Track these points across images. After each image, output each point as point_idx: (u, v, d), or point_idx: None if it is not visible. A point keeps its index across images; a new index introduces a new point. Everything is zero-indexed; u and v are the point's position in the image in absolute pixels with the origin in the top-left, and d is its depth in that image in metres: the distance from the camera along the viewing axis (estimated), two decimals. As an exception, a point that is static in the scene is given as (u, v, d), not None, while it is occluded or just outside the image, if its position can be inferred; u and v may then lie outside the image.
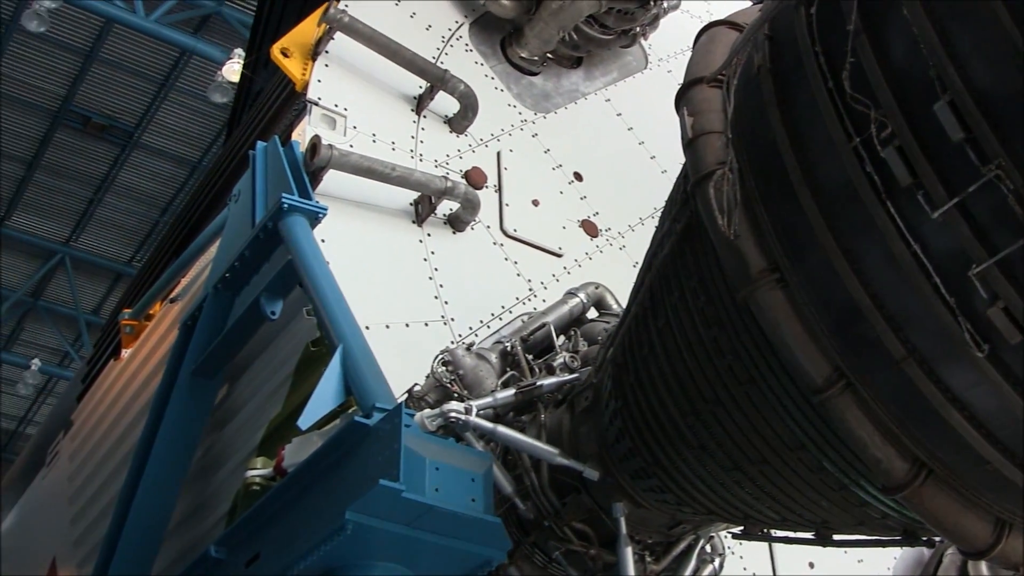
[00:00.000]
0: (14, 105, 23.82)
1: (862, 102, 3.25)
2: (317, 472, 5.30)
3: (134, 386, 9.13)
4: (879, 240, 3.35)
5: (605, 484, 5.53)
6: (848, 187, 3.41)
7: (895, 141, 3.18)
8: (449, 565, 5.27)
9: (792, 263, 3.78)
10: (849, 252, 3.52)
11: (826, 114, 3.43)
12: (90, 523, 9.41)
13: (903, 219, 3.26)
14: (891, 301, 3.44)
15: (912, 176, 3.15)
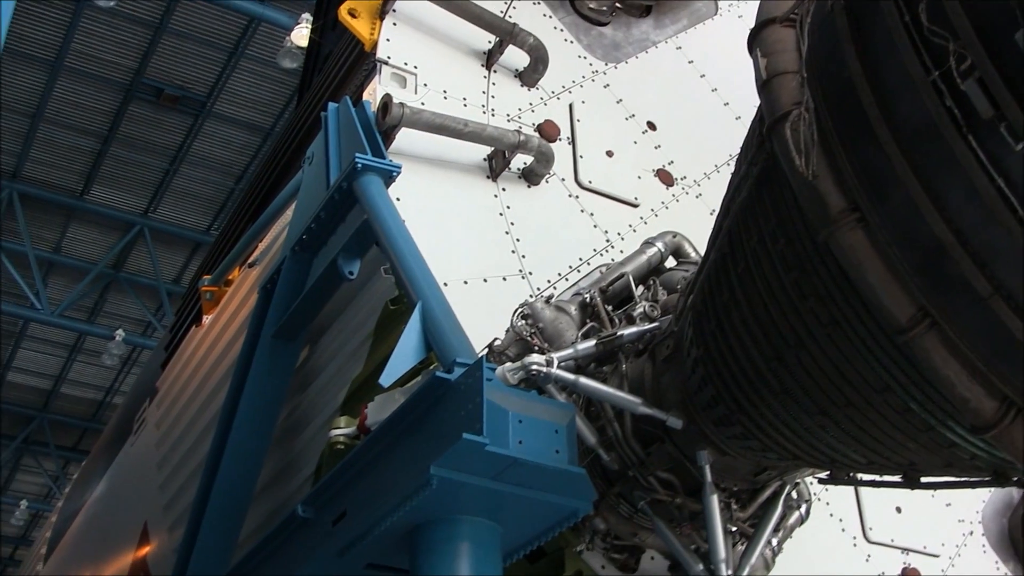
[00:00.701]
0: (88, 80, 24.04)
1: (940, 34, 3.19)
2: (400, 429, 5.31)
3: (216, 351, 9.21)
4: (961, 175, 3.30)
5: (689, 432, 5.52)
6: (928, 122, 3.35)
7: (975, 73, 3.11)
8: (535, 518, 5.28)
9: (872, 202, 3.72)
10: (931, 189, 3.46)
11: (903, 48, 3.38)
12: (179, 488, 9.52)
13: (985, 153, 3.20)
14: (975, 237, 3.38)
15: (994, 108, 3.09)
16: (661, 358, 5.67)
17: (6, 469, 34.58)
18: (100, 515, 12.55)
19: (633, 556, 6.42)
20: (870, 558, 7.52)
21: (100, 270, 26.88)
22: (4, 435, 33.22)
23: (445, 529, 5.23)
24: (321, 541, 5.83)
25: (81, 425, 32.75)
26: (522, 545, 5.49)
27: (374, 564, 5.74)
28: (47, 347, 29.82)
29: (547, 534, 5.39)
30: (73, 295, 26.46)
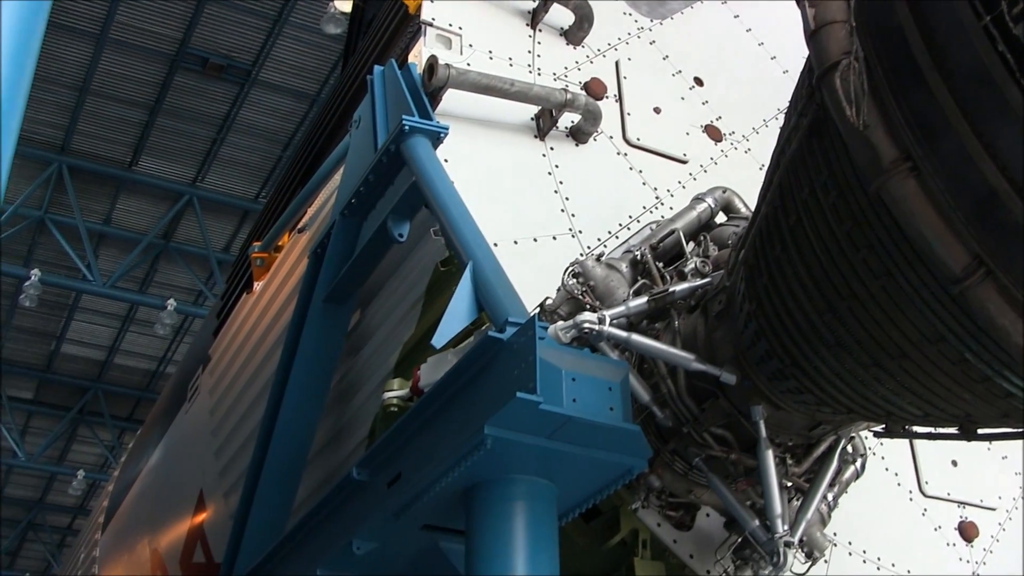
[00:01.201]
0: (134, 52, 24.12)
1: (991, -23, 3.15)
2: (453, 389, 5.32)
3: (268, 317, 9.25)
4: (1014, 121, 3.26)
5: (743, 388, 5.49)
6: (979, 68, 3.31)
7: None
8: (589, 476, 5.28)
9: (925, 151, 3.69)
10: (983, 135, 3.42)
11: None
12: (233, 454, 9.59)
13: (1039, 97, 3.17)
14: (1031, 184, 3.35)
15: (1047, 52, 3.06)
16: (713, 313, 5.65)
17: (62, 440, 34.94)
18: (156, 483, 12.65)
19: (688, 513, 6.42)
20: (926, 512, 7.49)
21: (150, 240, 27.03)
22: (60, 406, 33.56)
23: (500, 489, 5.25)
24: (376, 503, 5.86)
25: (135, 395, 33.02)
26: (577, 504, 5.50)
27: (430, 525, 5.77)
28: (100, 318, 30.05)
29: (602, 492, 5.40)
30: (124, 266, 26.62)
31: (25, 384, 33.19)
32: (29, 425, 34.54)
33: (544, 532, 5.24)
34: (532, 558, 5.16)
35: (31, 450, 33.78)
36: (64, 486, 36.26)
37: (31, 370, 32.34)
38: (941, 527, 7.47)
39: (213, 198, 26.71)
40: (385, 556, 6.12)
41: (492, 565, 5.18)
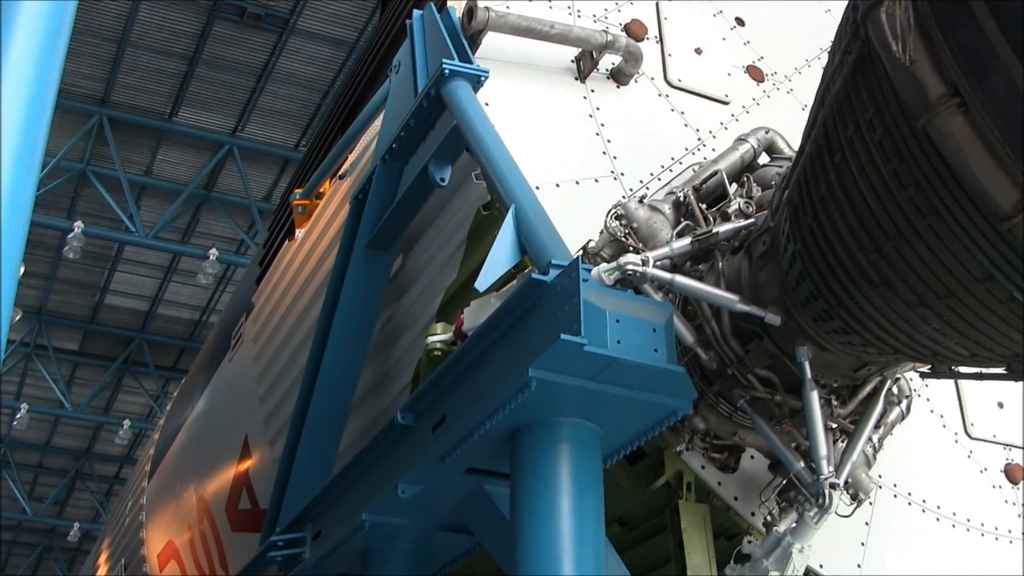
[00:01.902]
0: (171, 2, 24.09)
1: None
2: (497, 333, 5.32)
3: (310, 264, 9.26)
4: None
5: (788, 329, 5.47)
6: (1029, 0, 3.27)
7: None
8: (634, 418, 5.28)
9: (972, 86, 3.64)
10: (1033, 69, 3.38)
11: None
12: (278, 401, 9.63)
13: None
14: (1080, 117, 3.30)
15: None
16: (757, 254, 5.61)
17: (108, 390, 35.23)
18: (201, 431, 12.73)
19: (733, 455, 6.41)
20: (972, 454, 7.45)
21: (191, 191, 27.10)
22: (105, 357, 33.81)
23: (545, 431, 5.25)
24: (421, 447, 5.88)
25: (179, 344, 33.23)
26: (622, 446, 5.50)
27: (474, 468, 5.78)
28: (143, 269, 30.21)
29: (646, 434, 5.40)
30: (166, 217, 26.71)
31: (70, 335, 33.46)
32: (75, 376, 34.84)
33: (589, 474, 5.25)
34: (577, 500, 5.17)
35: (77, 401, 34.10)
36: (110, 436, 36.59)
37: (76, 321, 32.58)
38: (987, 469, 7.43)
39: (253, 147, 26.73)
40: (430, 500, 6.15)
41: (537, 508, 5.19)
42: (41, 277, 29.97)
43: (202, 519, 11.66)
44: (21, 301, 27.01)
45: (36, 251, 28.26)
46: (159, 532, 13.76)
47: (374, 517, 6.37)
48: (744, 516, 6.45)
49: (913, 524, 7.01)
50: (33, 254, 28.06)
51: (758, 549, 5.71)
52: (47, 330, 32.30)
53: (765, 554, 5.65)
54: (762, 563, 5.64)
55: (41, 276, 29.90)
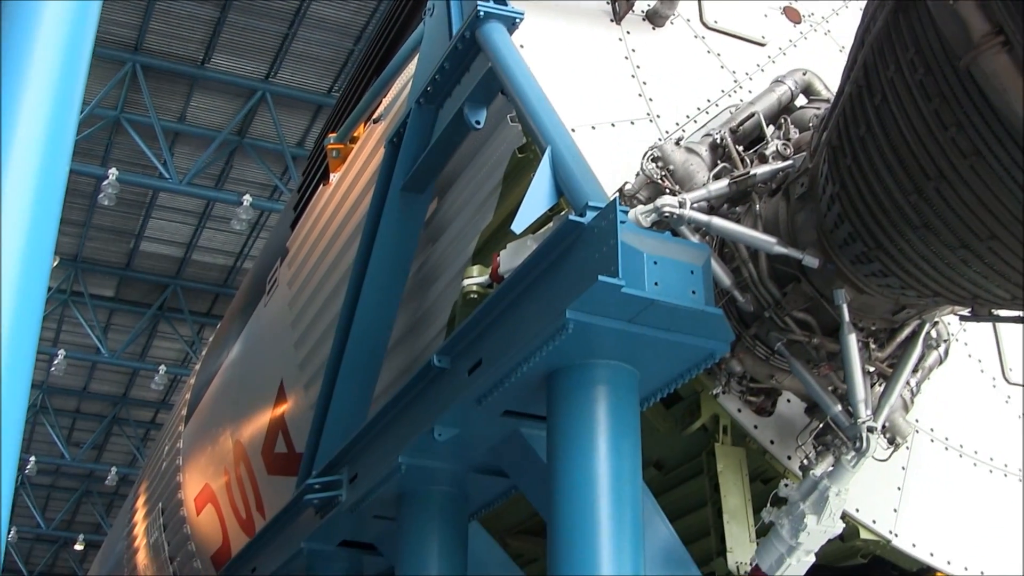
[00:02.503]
0: (204, -53, 24.09)
1: None
2: (534, 275, 5.31)
3: (345, 208, 9.24)
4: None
5: (825, 271, 5.44)
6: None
7: None
8: (671, 360, 5.28)
9: (1017, 24, 3.59)
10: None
11: None
12: (313, 345, 9.65)
13: None
14: None
15: None
16: (795, 196, 5.58)
17: (143, 336, 35.42)
18: (236, 376, 12.77)
19: (769, 399, 6.40)
20: (1010, 399, 7.42)
21: (225, 137, 27.08)
22: (140, 303, 33.96)
23: (582, 374, 5.26)
24: (458, 390, 5.89)
25: (213, 290, 33.34)
26: (658, 389, 5.50)
27: (511, 411, 5.80)
28: (177, 215, 30.27)
29: (683, 377, 5.40)
30: (200, 163, 26.74)
31: (106, 282, 33.60)
32: (111, 322, 35.01)
33: (626, 417, 5.26)
34: (614, 443, 5.18)
35: (113, 347, 34.30)
36: (146, 381, 36.80)
37: (111, 268, 32.71)
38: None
39: (286, 93, 26.66)
40: (466, 443, 6.17)
41: (574, 450, 5.21)
42: (76, 224, 30.09)
43: (238, 463, 11.73)
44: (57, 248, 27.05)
45: (72, 199, 28.35)
46: (195, 476, 13.85)
47: (410, 460, 6.39)
48: (780, 460, 6.44)
49: (950, 469, 6.99)
50: (69, 202, 28.12)
51: (795, 493, 5.71)
52: (83, 277, 32.47)
53: (802, 498, 5.65)
54: (798, 507, 5.64)
55: (76, 223, 30.02)
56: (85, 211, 29.49)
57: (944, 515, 6.84)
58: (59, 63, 3.90)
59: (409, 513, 6.85)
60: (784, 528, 5.68)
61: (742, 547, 6.17)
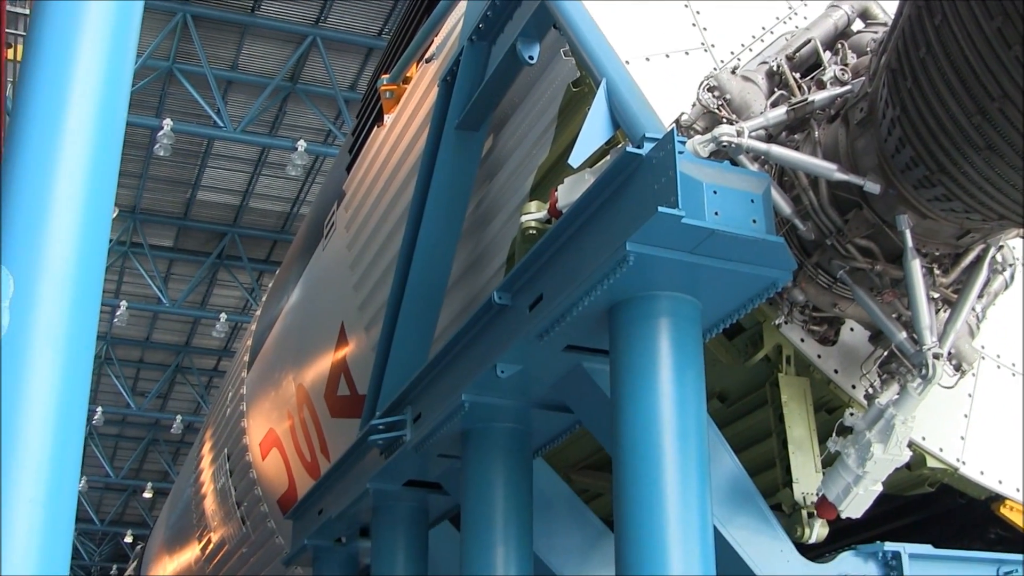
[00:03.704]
0: None
1: None
2: (593, 208, 5.29)
3: (400, 148, 9.23)
4: None
5: (887, 197, 5.37)
6: None
7: None
8: (733, 290, 5.25)
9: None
10: None
11: None
12: (372, 286, 9.67)
13: None
14: None
15: None
16: (855, 122, 5.50)
17: (203, 285, 35.66)
18: (297, 321, 12.83)
19: (833, 327, 6.35)
20: (1077, 323, 7.32)
21: (277, 84, 27.10)
22: (199, 252, 34.17)
23: (643, 306, 5.24)
24: (519, 327, 5.89)
25: (271, 237, 33.46)
26: (721, 319, 5.48)
27: (573, 346, 5.79)
28: (232, 163, 30.37)
29: (746, 307, 5.37)
30: (253, 110, 26.77)
31: (165, 232, 33.81)
32: (171, 272, 35.26)
33: (689, 348, 5.24)
34: (677, 375, 5.17)
35: (174, 296, 34.56)
36: (208, 329, 37.09)
37: (169, 218, 32.90)
38: (1094, 338, 7.29)
39: (337, 37, 26.60)
40: (529, 379, 6.17)
41: (637, 383, 5.20)
42: (133, 176, 30.26)
43: (302, 407, 11.81)
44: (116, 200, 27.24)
45: (128, 150, 28.45)
46: (260, 421, 13.96)
47: (473, 398, 6.41)
48: (845, 389, 6.40)
49: (1017, 395, 6.91)
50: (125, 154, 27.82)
51: (860, 422, 5.67)
52: (142, 228, 32.69)
53: (867, 427, 5.61)
54: (864, 436, 5.61)
55: (133, 175, 30.19)
56: (141, 162, 29.66)
57: (1012, 442, 6.78)
58: (113, 15, 3.90)
59: (473, 451, 6.88)
60: (850, 458, 5.65)
61: (808, 478, 6.14)
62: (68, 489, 3.29)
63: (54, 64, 3.57)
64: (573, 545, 7.57)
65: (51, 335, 3.32)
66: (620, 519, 5.16)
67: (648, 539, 4.99)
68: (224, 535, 16.17)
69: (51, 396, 3.29)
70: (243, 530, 14.88)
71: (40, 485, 3.21)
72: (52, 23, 3.71)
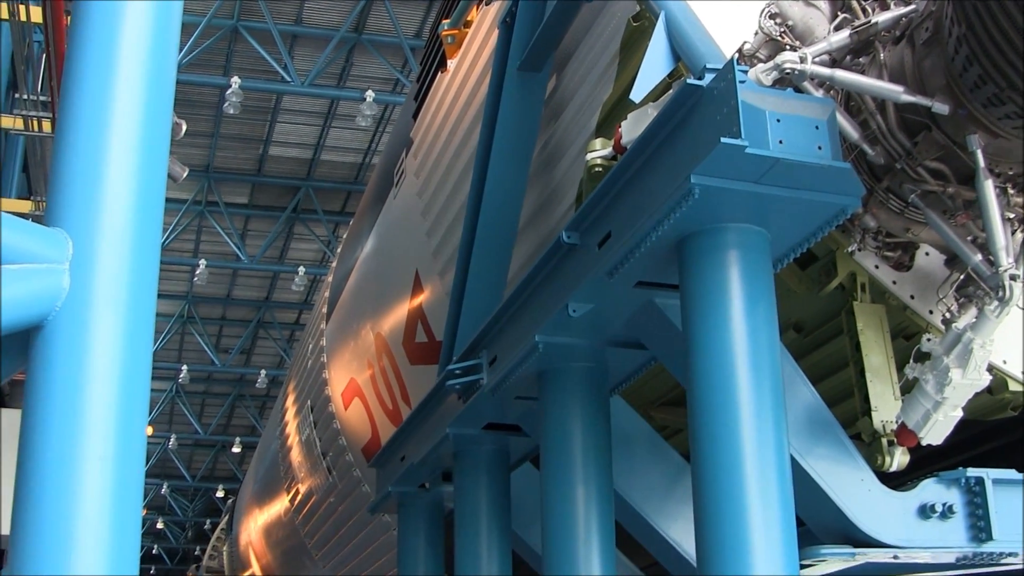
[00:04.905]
0: None
1: None
2: (657, 142, 5.26)
3: (465, 93, 9.21)
4: None
5: (957, 117, 5.27)
6: None
7: None
8: (802, 219, 5.21)
9: None
10: None
11: None
12: (444, 232, 9.69)
13: None
14: None
15: None
16: (920, 42, 5.40)
17: (280, 239, 35.89)
18: (372, 270, 12.87)
19: (907, 253, 6.28)
20: None
21: (342, 35, 27.09)
22: (274, 207, 34.37)
23: (711, 238, 5.22)
24: (589, 265, 5.89)
25: (344, 188, 33.54)
26: (791, 249, 5.44)
27: (644, 282, 5.78)
28: (302, 117, 30.44)
29: (816, 235, 5.32)
30: (320, 63, 26.77)
31: (239, 189, 34.01)
32: (247, 228, 35.49)
33: (759, 279, 5.21)
34: (749, 307, 5.15)
35: (252, 252, 34.80)
36: (287, 283, 37.36)
37: (243, 175, 33.07)
38: None
39: (400, -15, 26.63)
40: (601, 317, 6.17)
41: (709, 316, 5.19)
42: (205, 136, 30.44)
43: (381, 355, 11.90)
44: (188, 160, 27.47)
45: (198, 110, 28.71)
46: (341, 371, 14.08)
47: (547, 338, 6.43)
48: (922, 314, 6.34)
49: (1098, 312, 6.82)
50: (195, 113, 28.48)
51: (938, 347, 5.62)
52: (216, 187, 32.92)
53: (945, 352, 5.56)
54: (942, 361, 5.55)
55: (205, 135, 30.37)
56: (211, 122, 29.82)
57: (1092, 361, 6.69)
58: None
59: (550, 392, 6.90)
60: (929, 384, 5.60)
61: (887, 405, 6.10)
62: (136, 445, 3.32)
63: (103, 21, 3.56)
64: (654, 482, 7.59)
65: (112, 294, 3.34)
66: (696, 453, 5.16)
67: (725, 472, 4.99)
68: (311, 486, 16.36)
69: (115, 354, 3.31)
70: (329, 480, 15.05)
71: (108, 442, 3.24)
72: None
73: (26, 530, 3.17)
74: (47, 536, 3.15)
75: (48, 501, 3.18)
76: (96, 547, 3.17)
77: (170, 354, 41.43)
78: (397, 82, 28.33)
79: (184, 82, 25.94)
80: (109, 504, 3.20)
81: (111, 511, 3.20)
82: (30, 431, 3.26)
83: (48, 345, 3.30)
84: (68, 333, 3.29)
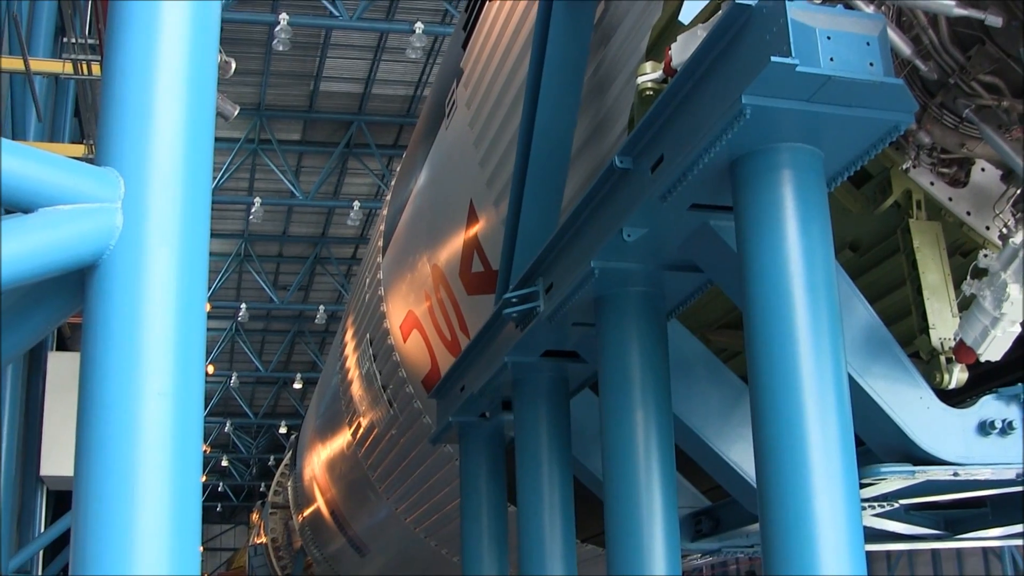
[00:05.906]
0: None
1: None
2: (707, 64, 5.24)
3: (514, 20, 9.14)
4: None
5: (1010, 29, 5.21)
6: None
7: None
8: (855, 137, 5.18)
9: None
10: None
11: None
12: (497, 161, 9.67)
13: None
14: None
15: None
16: (973, -46, 5.34)
17: (334, 175, 35.96)
18: (427, 202, 12.88)
19: (962, 168, 6.24)
20: None
21: (390, -32, 27.11)
22: (327, 143, 34.42)
23: (764, 159, 5.20)
24: (642, 189, 5.89)
25: (397, 121, 33.56)
26: (844, 167, 5.41)
27: (697, 204, 5.78)
28: (351, 52, 30.40)
29: (869, 153, 5.29)
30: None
31: (291, 126, 34.10)
32: (301, 165, 35.61)
33: (813, 198, 5.20)
34: (804, 226, 5.14)
35: (307, 188, 34.90)
36: (342, 218, 37.48)
37: (295, 112, 33.15)
38: None
39: (442, -81, 26.52)
40: (656, 241, 6.18)
41: (764, 236, 5.18)
42: (255, 74, 30.50)
43: (438, 287, 11.94)
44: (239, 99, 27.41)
45: (247, 48, 28.75)
46: (398, 304, 14.13)
47: (603, 264, 6.44)
48: (978, 230, 6.30)
49: None
50: (245, 52, 28.52)
51: (995, 263, 5.59)
52: (268, 124, 33.01)
53: (1003, 267, 5.53)
54: (1000, 276, 5.53)
55: (255, 73, 30.43)
56: (261, 59, 29.87)
57: None
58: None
59: (607, 317, 6.92)
60: (986, 300, 5.58)
61: (945, 323, 6.08)
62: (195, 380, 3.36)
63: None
64: (713, 405, 7.61)
65: (165, 231, 3.36)
66: (754, 375, 5.18)
67: (783, 394, 5.01)
68: (373, 419, 16.48)
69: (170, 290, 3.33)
70: (391, 412, 15.15)
71: (167, 377, 3.28)
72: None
73: (91, 470, 3.22)
74: (112, 474, 3.19)
75: (110, 439, 3.22)
76: (159, 481, 3.21)
77: (229, 293, 41.81)
78: (446, 13, 28.23)
79: (232, 20, 25.98)
80: (170, 438, 3.25)
81: (172, 445, 3.25)
82: (89, 370, 3.31)
83: (104, 283, 3.33)
84: (123, 270, 3.32)
